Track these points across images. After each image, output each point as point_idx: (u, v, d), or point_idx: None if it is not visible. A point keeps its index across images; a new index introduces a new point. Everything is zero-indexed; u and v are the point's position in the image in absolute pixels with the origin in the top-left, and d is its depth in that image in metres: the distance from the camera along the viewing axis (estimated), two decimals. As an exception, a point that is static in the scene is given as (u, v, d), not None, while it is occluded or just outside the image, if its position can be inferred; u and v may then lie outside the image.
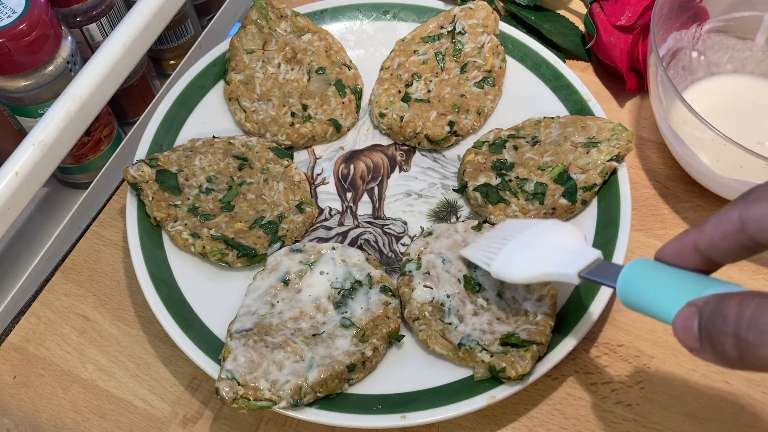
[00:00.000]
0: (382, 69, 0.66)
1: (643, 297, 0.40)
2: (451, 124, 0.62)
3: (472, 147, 0.62)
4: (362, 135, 0.65)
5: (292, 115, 0.63)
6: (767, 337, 0.30)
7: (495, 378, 0.50)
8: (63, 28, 0.61)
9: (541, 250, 0.49)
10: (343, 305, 0.53)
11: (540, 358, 0.50)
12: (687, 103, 0.55)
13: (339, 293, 0.54)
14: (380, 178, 0.62)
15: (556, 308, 0.52)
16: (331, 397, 0.50)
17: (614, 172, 0.58)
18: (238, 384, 0.48)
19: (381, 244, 0.59)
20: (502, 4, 0.72)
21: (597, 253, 0.46)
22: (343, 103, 0.64)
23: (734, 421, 0.52)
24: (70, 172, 0.68)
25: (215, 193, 0.59)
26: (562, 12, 0.72)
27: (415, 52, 0.66)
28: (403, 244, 0.59)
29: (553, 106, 0.64)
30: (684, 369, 0.54)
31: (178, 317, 0.53)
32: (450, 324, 0.52)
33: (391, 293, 0.54)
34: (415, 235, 0.59)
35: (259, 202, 0.59)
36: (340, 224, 0.60)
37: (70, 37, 0.61)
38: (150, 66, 0.74)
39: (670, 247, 0.38)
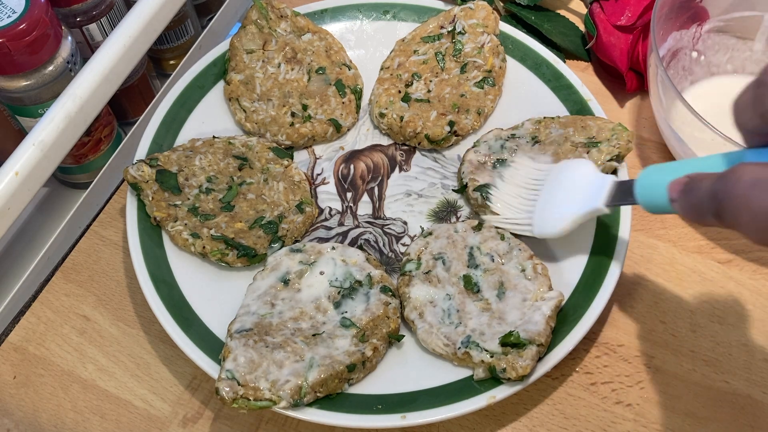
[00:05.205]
0: (382, 69, 0.66)
1: (657, 195, 0.42)
2: (451, 124, 0.62)
3: (472, 147, 0.62)
4: (362, 135, 0.65)
5: (292, 115, 0.63)
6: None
7: (495, 378, 0.50)
8: (63, 28, 0.61)
9: (566, 197, 0.53)
10: (343, 305, 0.53)
11: (540, 359, 0.50)
12: (687, 103, 0.55)
13: (339, 293, 0.54)
14: (380, 178, 0.62)
15: (557, 309, 0.52)
16: (331, 397, 0.50)
17: (614, 172, 0.58)
18: (238, 384, 0.48)
19: (381, 244, 0.59)
20: (502, 4, 0.72)
21: (612, 179, 0.52)
22: (343, 103, 0.64)
23: (734, 421, 0.52)
24: (70, 172, 0.68)
25: (215, 193, 0.59)
26: (562, 12, 0.72)
27: (415, 52, 0.66)
28: (403, 244, 0.59)
29: (553, 106, 0.64)
30: (684, 369, 0.54)
31: (178, 317, 0.53)
32: (450, 324, 0.52)
33: (391, 293, 0.54)
34: (415, 235, 0.59)
35: (259, 202, 0.59)
36: (340, 224, 0.60)
37: (70, 37, 0.61)
38: (150, 66, 0.74)
39: (744, 96, 0.37)
